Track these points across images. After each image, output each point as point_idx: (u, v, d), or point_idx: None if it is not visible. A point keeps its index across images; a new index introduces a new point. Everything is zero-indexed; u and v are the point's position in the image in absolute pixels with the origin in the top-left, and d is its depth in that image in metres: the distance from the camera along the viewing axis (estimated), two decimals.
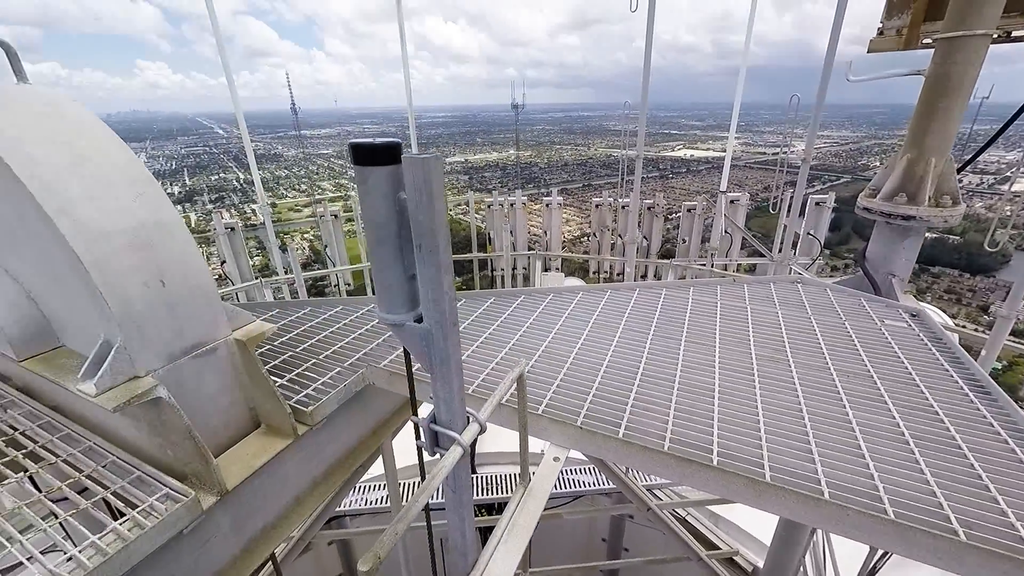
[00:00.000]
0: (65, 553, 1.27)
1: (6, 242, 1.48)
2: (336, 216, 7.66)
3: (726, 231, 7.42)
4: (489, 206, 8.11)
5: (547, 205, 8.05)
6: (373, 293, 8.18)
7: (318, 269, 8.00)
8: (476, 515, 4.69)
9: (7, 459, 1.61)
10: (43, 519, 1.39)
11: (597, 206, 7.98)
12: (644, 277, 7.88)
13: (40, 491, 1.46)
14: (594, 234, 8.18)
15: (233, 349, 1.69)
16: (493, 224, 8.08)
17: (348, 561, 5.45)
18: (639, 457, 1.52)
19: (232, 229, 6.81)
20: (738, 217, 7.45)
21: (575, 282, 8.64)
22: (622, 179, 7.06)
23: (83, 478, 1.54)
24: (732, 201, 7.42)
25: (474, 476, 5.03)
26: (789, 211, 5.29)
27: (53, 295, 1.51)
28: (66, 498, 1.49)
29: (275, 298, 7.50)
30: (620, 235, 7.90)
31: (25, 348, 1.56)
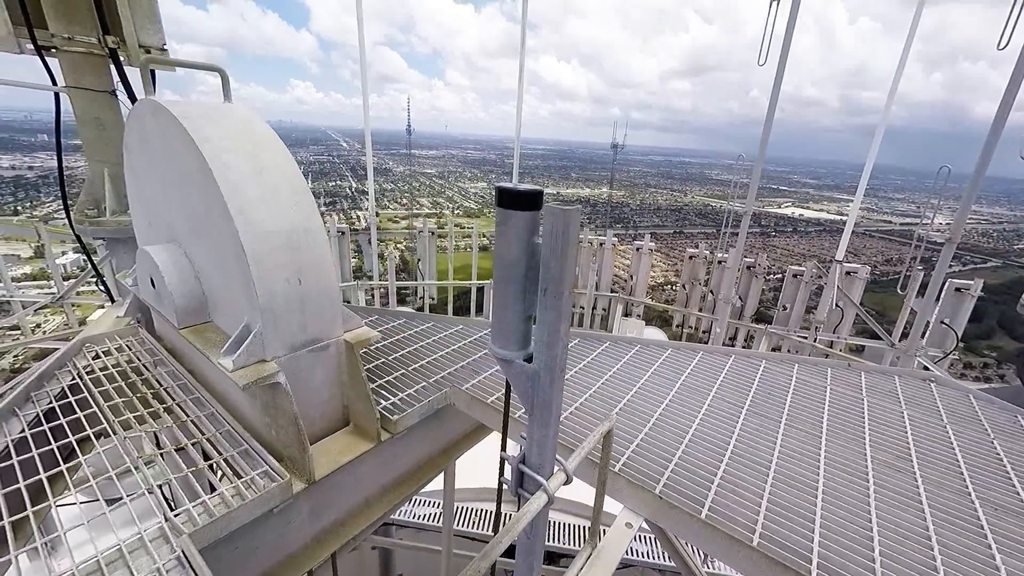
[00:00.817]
0: (173, 509, 1.44)
1: (192, 230, 1.79)
2: (433, 233, 8.18)
3: (837, 304, 6.70)
4: (578, 242, 8.15)
5: (637, 249, 7.89)
6: (455, 313, 8.52)
7: (404, 278, 8.52)
8: None
9: (152, 409, 1.90)
10: (166, 467, 1.60)
11: (691, 257, 7.66)
12: (734, 340, 7.34)
13: (167, 444, 1.69)
14: (683, 286, 7.83)
15: (342, 349, 1.85)
16: (579, 260, 8.09)
17: (387, 568, 5.53)
18: (722, 546, 1.38)
19: (343, 233, 7.55)
20: (853, 291, 6.70)
21: (655, 332, 8.27)
22: (722, 232, 6.73)
23: (204, 440, 1.76)
24: (848, 272, 6.71)
25: None
26: (923, 293, 4.65)
27: (215, 278, 1.77)
28: (184, 448, 1.71)
29: (366, 299, 8.11)
30: (712, 291, 7.48)
31: (185, 318, 1.84)
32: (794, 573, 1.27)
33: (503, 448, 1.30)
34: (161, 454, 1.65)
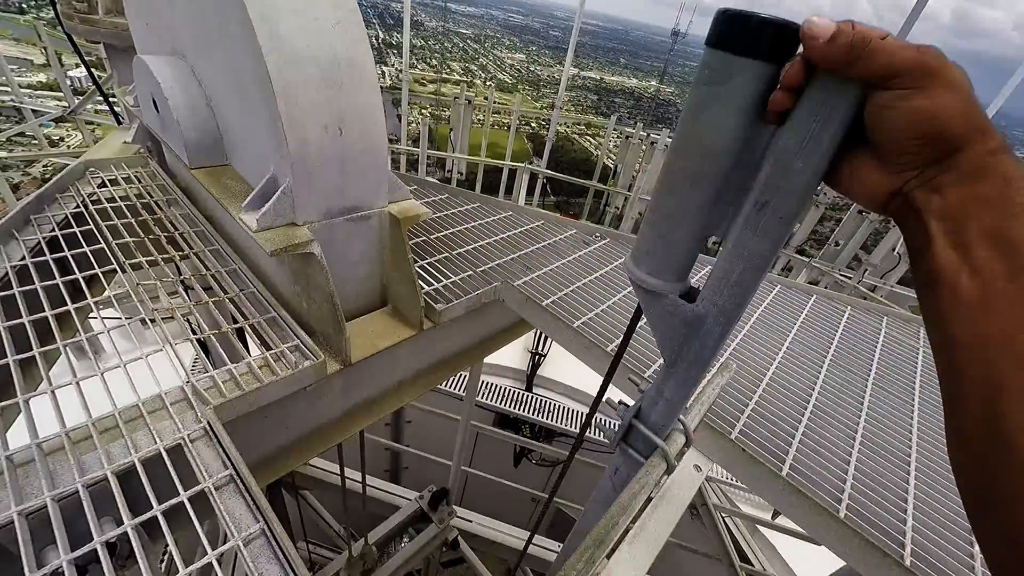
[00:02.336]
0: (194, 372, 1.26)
1: (200, 40, 1.36)
2: (469, 102, 7.35)
3: (895, 250, 6.19)
4: (627, 137, 7.34)
5: None
6: (483, 191, 8.05)
7: (429, 147, 7.89)
8: (522, 435, 4.79)
9: (168, 255, 1.67)
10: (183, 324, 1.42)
11: None
12: (771, 268, 6.97)
13: (186, 301, 1.49)
14: None
15: (385, 223, 1.55)
16: (625, 158, 7.36)
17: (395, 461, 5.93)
18: (804, 513, 1.23)
19: None
20: None
21: None
22: None
23: (226, 299, 1.55)
24: None
25: (530, 395, 5.11)
26: None
27: (232, 108, 1.40)
28: (205, 303, 1.51)
29: (392, 165, 7.61)
30: None
31: (197, 156, 1.51)
32: (890, 560, 1.13)
33: (600, 396, 1.06)
34: (177, 310, 1.45)
